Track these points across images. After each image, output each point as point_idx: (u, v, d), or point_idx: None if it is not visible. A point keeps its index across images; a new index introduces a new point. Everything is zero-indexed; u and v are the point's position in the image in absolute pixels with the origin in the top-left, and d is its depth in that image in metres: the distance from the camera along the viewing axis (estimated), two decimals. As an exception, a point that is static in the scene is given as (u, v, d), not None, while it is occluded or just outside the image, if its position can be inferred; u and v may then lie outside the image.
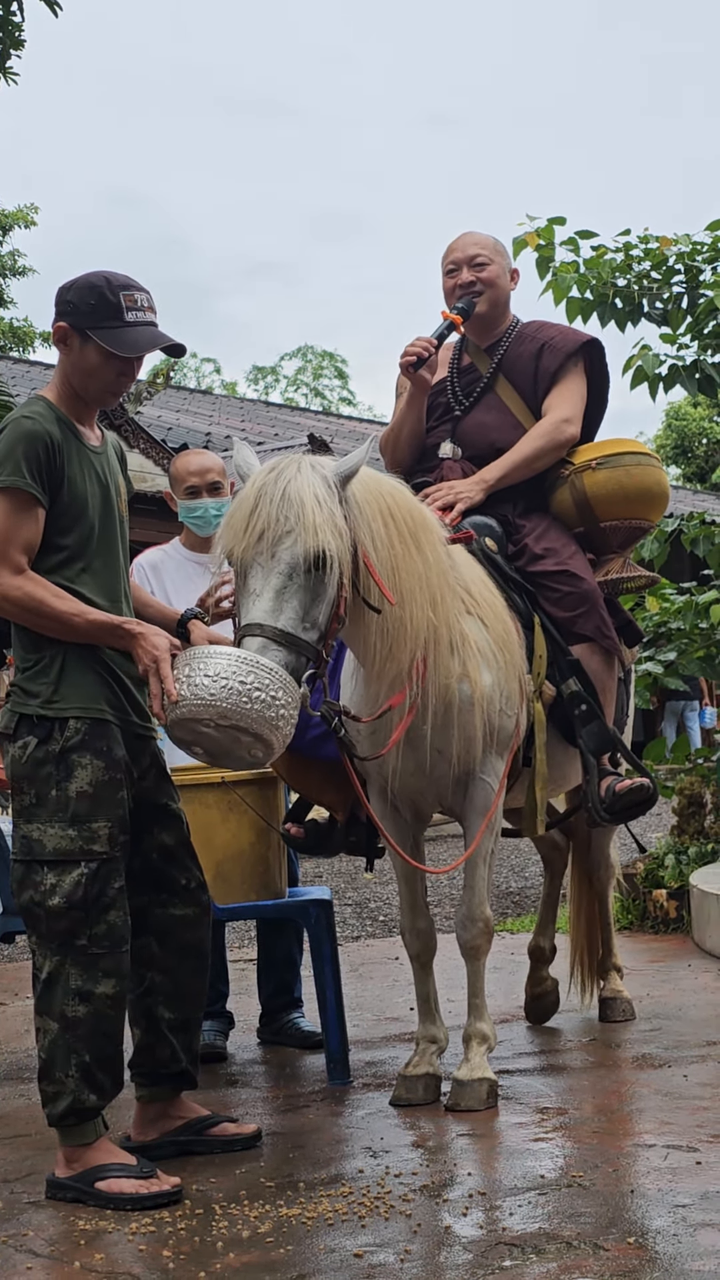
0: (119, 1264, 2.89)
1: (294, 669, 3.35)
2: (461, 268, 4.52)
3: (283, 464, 3.51)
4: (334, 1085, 4.23)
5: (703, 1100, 3.81)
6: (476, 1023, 4.01)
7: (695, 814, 7.49)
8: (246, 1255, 2.88)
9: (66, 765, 3.34)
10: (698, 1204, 2.99)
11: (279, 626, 3.35)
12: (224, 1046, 4.84)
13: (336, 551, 3.41)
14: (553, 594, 4.30)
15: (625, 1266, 2.67)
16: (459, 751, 3.89)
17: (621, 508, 4.46)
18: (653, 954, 6.28)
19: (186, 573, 4.77)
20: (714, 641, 7.66)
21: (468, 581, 3.98)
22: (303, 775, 4.18)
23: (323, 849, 4.30)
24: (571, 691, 4.23)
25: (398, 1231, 2.95)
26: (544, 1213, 3.00)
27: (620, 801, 4.22)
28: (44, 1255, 2.97)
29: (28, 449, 3.35)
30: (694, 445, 26.19)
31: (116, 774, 3.39)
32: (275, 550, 3.40)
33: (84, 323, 3.41)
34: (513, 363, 4.56)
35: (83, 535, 3.44)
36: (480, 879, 4.02)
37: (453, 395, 4.57)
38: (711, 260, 7.85)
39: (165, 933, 3.57)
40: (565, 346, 4.52)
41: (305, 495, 3.41)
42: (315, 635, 3.43)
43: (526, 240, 7.72)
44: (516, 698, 4.02)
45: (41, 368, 17.40)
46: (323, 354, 40.37)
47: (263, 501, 3.42)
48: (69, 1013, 3.31)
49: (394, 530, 3.65)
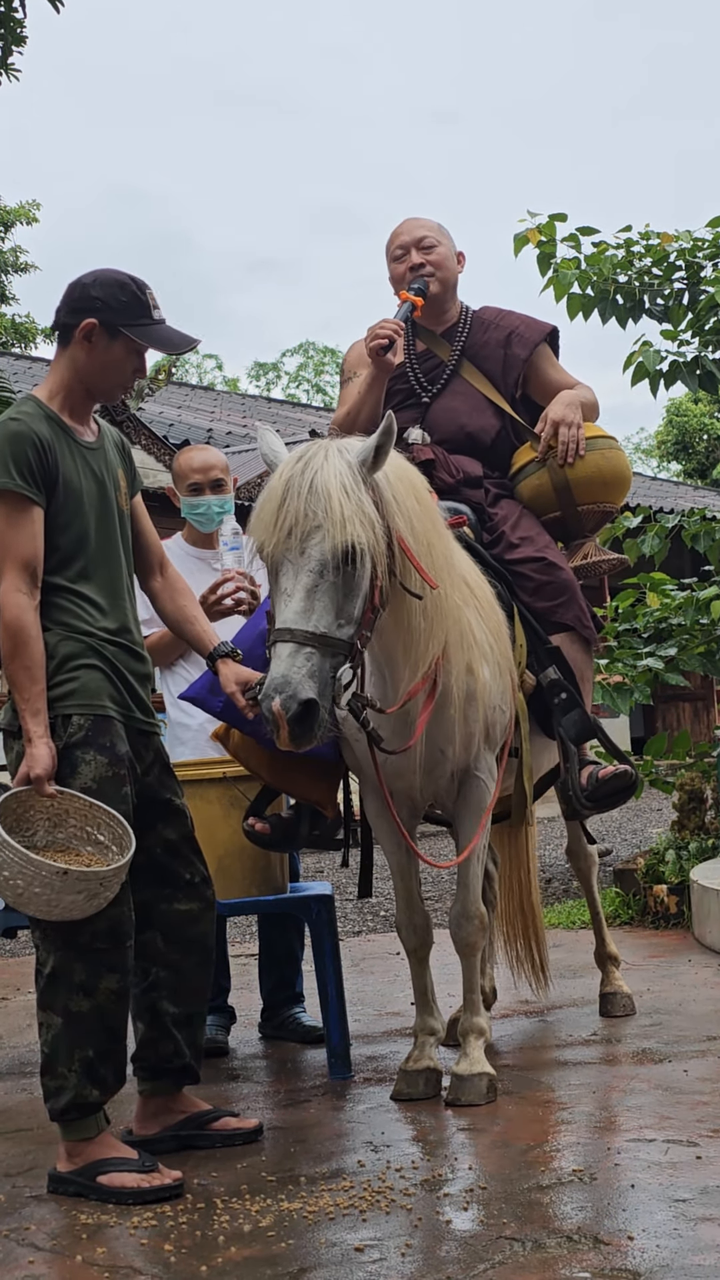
0: (120, 1258, 2.90)
1: (326, 670, 3.27)
2: (410, 250, 4.54)
3: (310, 452, 3.41)
4: (335, 1080, 4.24)
5: (703, 1095, 3.82)
6: (472, 1017, 4.01)
7: (695, 809, 7.49)
8: (248, 1249, 2.89)
9: (70, 761, 3.36)
10: (698, 1199, 2.99)
11: (309, 629, 3.27)
12: (225, 1041, 4.85)
13: (368, 543, 3.32)
14: (529, 583, 4.32)
15: (625, 1261, 2.68)
16: (459, 748, 3.88)
17: (599, 491, 4.53)
18: (653, 949, 6.29)
19: (188, 569, 4.74)
20: (715, 637, 7.67)
21: (464, 570, 3.96)
22: (289, 773, 4.06)
23: (287, 844, 4.20)
24: (551, 680, 4.24)
25: (398, 1226, 2.96)
26: (544, 1207, 3.01)
27: (603, 789, 4.23)
28: (46, 1249, 2.98)
29: (15, 450, 3.34)
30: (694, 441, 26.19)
31: (120, 769, 3.39)
32: (305, 547, 3.31)
33: (116, 319, 3.43)
34: (478, 349, 4.60)
35: (79, 534, 3.43)
36: (474, 876, 4.01)
37: (416, 382, 4.58)
38: (712, 257, 7.86)
39: (169, 927, 3.58)
40: (532, 336, 4.59)
41: (332, 487, 3.31)
42: (350, 630, 3.35)
43: (528, 236, 7.73)
44: (509, 693, 4.03)
45: (44, 364, 17.41)
46: (324, 350, 40.39)
47: (290, 495, 3.33)
48: (72, 1007, 3.32)
49: (424, 511, 3.61)
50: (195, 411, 17.37)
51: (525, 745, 4.18)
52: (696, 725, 19.30)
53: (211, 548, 4.88)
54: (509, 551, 4.34)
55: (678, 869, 7.01)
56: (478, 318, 4.65)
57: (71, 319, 3.46)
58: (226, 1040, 4.87)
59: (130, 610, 3.54)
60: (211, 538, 4.87)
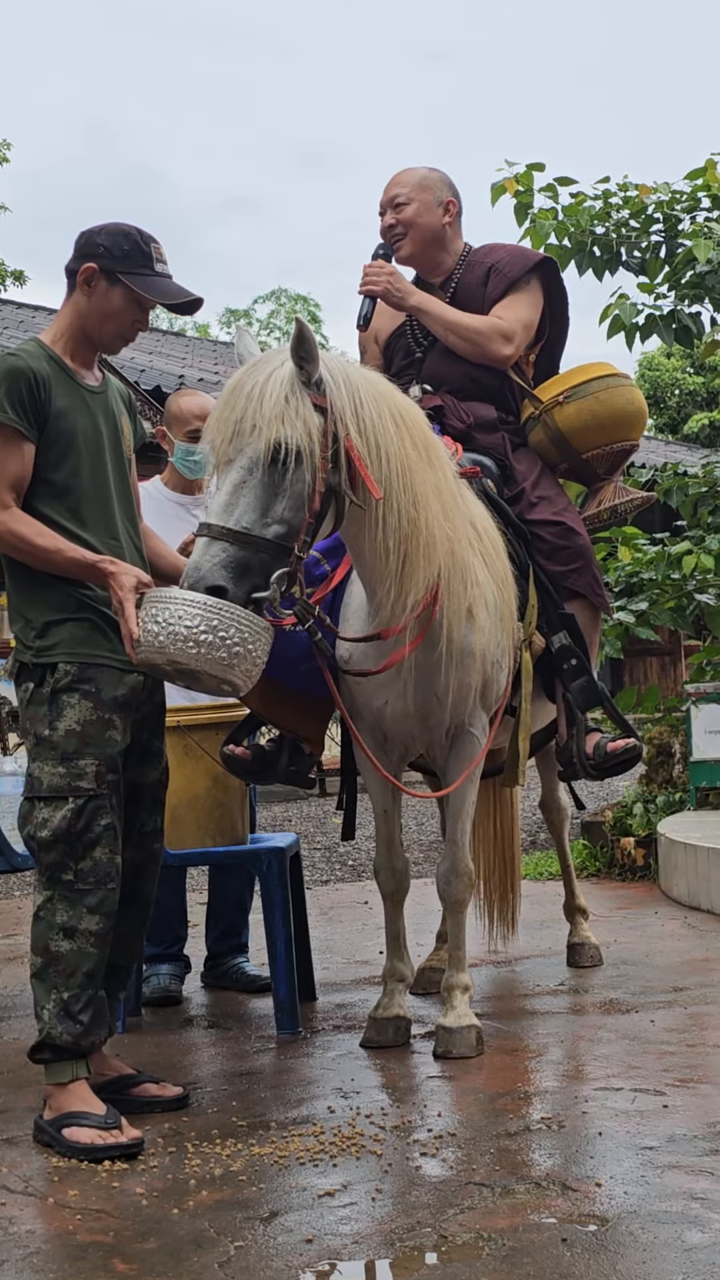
0: (92, 1200, 2.92)
1: (250, 566, 3.25)
2: (386, 210, 4.47)
3: (265, 357, 3.43)
4: (282, 1035, 4.21)
5: (669, 1045, 3.86)
6: (458, 974, 4.02)
7: (664, 763, 7.54)
8: (219, 1193, 2.91)
9: (57, 705, 3.40)
10: (664, 1146, 3.03)
11: (228, 525, 3.26)
12: (179, 991, 4.83)
13: (297, 442, 3.30)
14: (546, 545, 4.28)
15: (593, 1207, 2.71)
16: (455, 701, 3.84)
17: (598, 435, 4.43)
18: (620, 901, 6.34)
19: (166, 514, 4.71)
20: (685, 592, 7.70)
21: (474, 515, 3.92)
22: (280, 705, 4.04)
23: (265, 775, 4.14)
24: (562, 645, 4.23)
25: (369, 1171, 2.99)
26: (513, 1154, 3.04)
27: (610, 760, 4.23)
28: (18, 1191, 3.00)
29: (11, 385, 3.39)
30: (667, 396, 26.13)
31: (105, 714, 3.41)
32: (241, 445, 3.32)
33: (116, 266, 3.48)
34: (466, 292, 4.49)
35: (73, 469, 3.47)
36: (462, 832, 4.02)
37: (412, 338, 4.52)
38: (690, 210, 7.84)
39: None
40: (512, 271, 4.44)
41: (269, 388, 3.33)
42: (281, 530, 3.31)
43: (505, 186, 7.69)
44: (508, 650, 4.01)
45: (14, 307, 17.21)
46: (296, 297, 40.08)
47: (237, 395, 3.36)
48: (53, 947, 3.34)
49: (406, 436, 3.57)
50: (167, 358, 17.22)
51: (525, 705, 4.16)
52: (664, 680, 19.37)
53: (191, 494, 4.87)
54: (528, 511, 4.30)
55: (645, 822, 7.07)
56: (470, 259, 4.53)
57: (75, 264, 3.54)
58: (180, 989, 4.85)
59: (129, 553, 3.54)
60: (194, 484, 4.85)
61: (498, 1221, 2.67)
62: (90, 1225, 2.78)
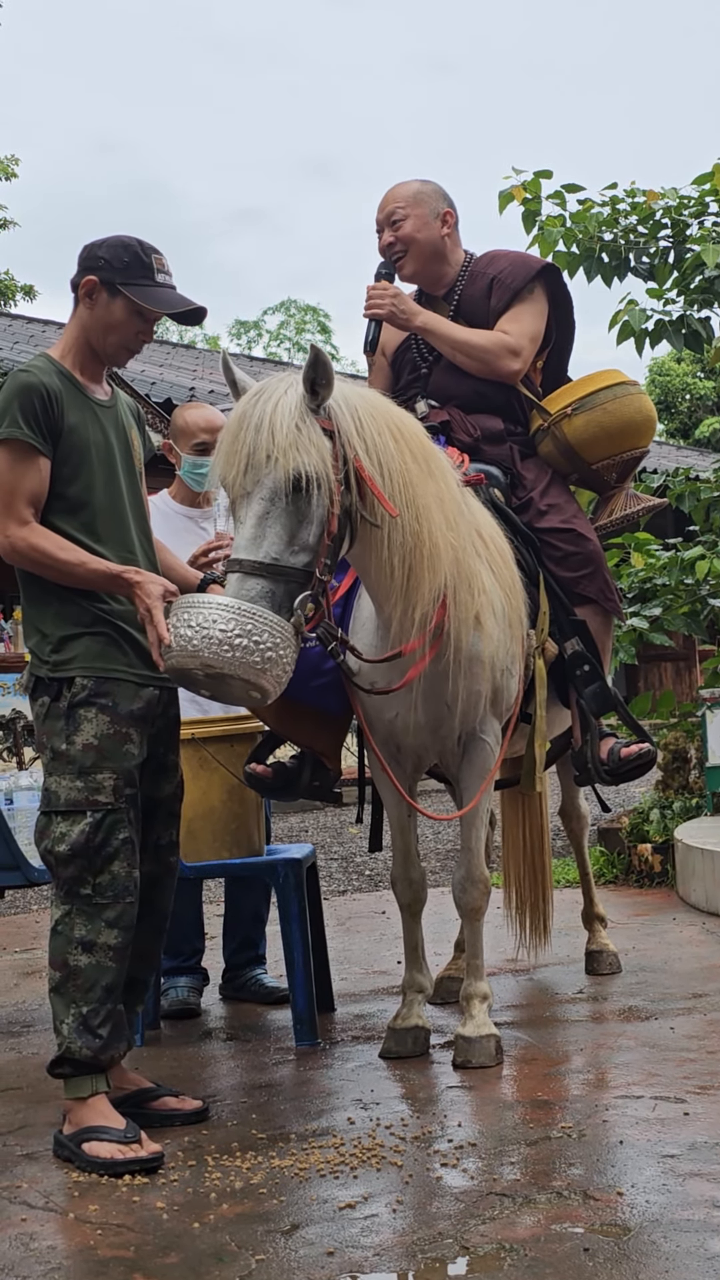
0: (112, 1215, 2.91)
1: (280, 597, 3.29)
2: (384, 229, 4.43)
3: (268, 386, 3.44)
4: (300, 1046, 4.20)
5: (689, 1052, 3.84)
6: (476, 982, 4.01)
7: (680, 769, 7.53)
8: (239, 1206, 2.90)
9: (74, 720, 3.40)
10: (686, 1154, 3.02)
11: (259, 559, 3.30)
12: (197, 1003, 4.82)
13: (314, 469, 3.34)
14: (556, 552, 4.28)
15: (614, 1216, 2.70)
16: (464, 709, 3.84)
17: (606, 446, 4.42)
18: (637, 908, 6.32)
19: (175, 527, 4.72)
20: (699, 597, 7.68)
21: (479, 524, 3.92)
22: (295, 721, 4.05)
23: (288, 792, 4.15)
24: (574, 651, 4.23)
25: (389, 1182, 2.98)
26: (534, 1163, 3.03)
27: (624, 765, 4.22)
28: (39, 1207, 2.99)
29: (24, 401, 3.41)
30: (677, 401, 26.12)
31: (123, 728, 3.41)
32: (257, 477, 3.34)
33: (116, 278, 3.49)
34: (470, 305, 4.46)
35: (87, 484, 3.48)
36: (478, 840, 4.01)
37: (418, 353, 4.51)
38: (698, 215, 7.82)
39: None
40: (514, 282, 4.41)
41: (279, 417, 3.35)
42: (305, 558, 3.35)
43: (513, 194, 7.68)
44: (518, 658, 4.00)
45: (24, 321, 17.27)
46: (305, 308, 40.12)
47: (245, 428, 3.38)
48: (71, 961, 3.34)
49: (406, 449, 3.57)
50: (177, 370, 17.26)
51: (540, 712, 4.15)
52: (679, 685, 19.34)
53: (199, 506, 4.87)
54: (537, 519, 4.29)
55: (662, 828, 7.05)
56: (472, 270, 4.50)
57: (78, 278, 3.55)
58: (199, 1002, 4.84)
59: (142, 563, 3.55)
60: (202, 497, 4.85)
61: (519, 1232, 2.66)
62: (111, 1240, 2.78)
